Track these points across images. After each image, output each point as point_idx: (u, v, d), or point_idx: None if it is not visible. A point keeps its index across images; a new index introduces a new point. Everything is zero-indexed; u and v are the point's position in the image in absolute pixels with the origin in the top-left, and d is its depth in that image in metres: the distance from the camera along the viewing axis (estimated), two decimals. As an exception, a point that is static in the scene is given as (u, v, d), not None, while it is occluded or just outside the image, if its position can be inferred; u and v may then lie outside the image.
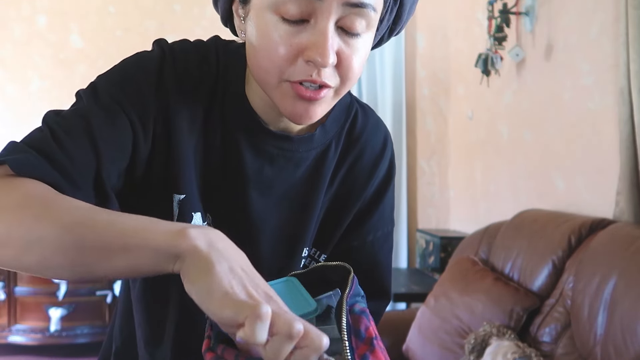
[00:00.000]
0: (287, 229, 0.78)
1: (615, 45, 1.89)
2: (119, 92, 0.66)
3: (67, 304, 3.15)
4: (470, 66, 2.74)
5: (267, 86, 0.66)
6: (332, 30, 0.61)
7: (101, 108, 0.65)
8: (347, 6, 0.61)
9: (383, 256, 0.85)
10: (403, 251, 3.47)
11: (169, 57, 0.70)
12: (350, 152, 0.80)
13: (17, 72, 3.61)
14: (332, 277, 0.63)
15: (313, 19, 0.61)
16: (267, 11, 0.62)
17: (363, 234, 0.82)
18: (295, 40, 0.61)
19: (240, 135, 0.73)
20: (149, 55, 0.70)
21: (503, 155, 2.75)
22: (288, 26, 0.61)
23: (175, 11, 3.69)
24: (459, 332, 1.94)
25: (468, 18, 3.11)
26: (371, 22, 0.64)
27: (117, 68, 0.70)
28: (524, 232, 2.06)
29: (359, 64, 0.65)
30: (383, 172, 0.83)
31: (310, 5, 0.60)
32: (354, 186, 0.81)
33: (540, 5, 2.39)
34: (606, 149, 1.98)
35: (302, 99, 0.64)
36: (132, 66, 0.69)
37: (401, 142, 3.47)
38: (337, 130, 0.79)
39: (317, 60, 0.60)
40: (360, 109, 0.83)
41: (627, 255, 1.53)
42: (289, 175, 0.76)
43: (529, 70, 2.50)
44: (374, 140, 0.83)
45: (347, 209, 0.81)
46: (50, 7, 3.62)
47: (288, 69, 0.63)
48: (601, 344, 1.50)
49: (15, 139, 0.63)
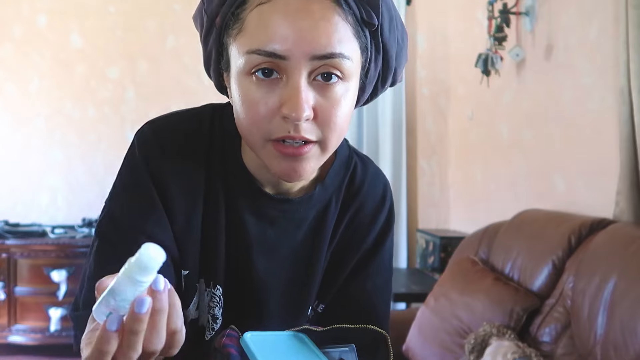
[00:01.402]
0: (294, 287, 0.79)
1: (615, 45, 1.89)
2: (133, 213, 0.70)
3: (67, 304, 3.15)
4: (470, 66, 2.74)
5: (254, 147, 0.67)
6: (305, 84, 0.62)
7: (129, 239, 0.69)
8: (316, 60, 0.61)
9: (382, 304, 0.84)
10: (403, 251, 3.46)
11: (151, 143, 0.72)
12: (351, 205, 0.81)
13: (17, 72, 3.61)
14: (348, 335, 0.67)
15: (284, 75, 0.62)
16: (242, 75, 0.63)
17: (362, 281, 0.83)
18: (271, 99, 0.62)
19: (241, 201, 0.75)
20: (130, 155, 0.73)
21: (503, 155, 2.75)
22: (263, 86, 0.62)
23: (175, 11, 3.69)
24: (459, 332, 1.94)
25: (468, 18, 3.11)
26: (347, 72, 0.64)
27: (118, 186, 0.73)
28: (524, 232, 2.06)
29: (340, 115, 0.64)
30: (382, 221, 0.84)
31: (279, 63, 0.61)
32: (354, 237, 0.82)
33: (540, 5, 2.39)
34: (606, 149, 1.98)
35: (287, 157, 0.64)
36: (127, 176, 0.73)
37: (401, 142, 3.47)
38: (337, 186, 0.80)
39: (292, 115, 0.61)
40: (359, 161, 0.83)
41: (627, 255, 1.53)
42: (292, 236, 0.78)
43: (529, 70, 2.50)
44: (373, 192, 0.83)
45: (347, 260, 0.82)
46: (50, 7, 3.62)
47: (268, 128, 0.63)
48: (601, 344, 1.50)
49: (15, 138, 0.64)
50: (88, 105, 3.64)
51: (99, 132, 3.60)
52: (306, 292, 0.80)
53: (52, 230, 3.34)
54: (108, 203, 0.73)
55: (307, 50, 0.60)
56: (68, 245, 3.19)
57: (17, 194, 3.62)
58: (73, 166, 3.65)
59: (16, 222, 3.51)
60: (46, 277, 3.16)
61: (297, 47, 0.60)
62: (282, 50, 0.60)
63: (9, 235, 3.22)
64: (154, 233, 0.69)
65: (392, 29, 0.68)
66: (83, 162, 3.64)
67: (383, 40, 0.67)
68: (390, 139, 3.45)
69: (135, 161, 0.72)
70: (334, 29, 0.61)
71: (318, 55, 0.61)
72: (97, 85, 3.64)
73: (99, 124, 3.61)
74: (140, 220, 0.70)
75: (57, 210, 3.65)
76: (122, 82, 3.62)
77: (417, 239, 3.33)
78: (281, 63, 0.61)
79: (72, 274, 3.16)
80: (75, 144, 3.64)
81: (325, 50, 0.61)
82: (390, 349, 0.64)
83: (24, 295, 3.18)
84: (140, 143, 0.73)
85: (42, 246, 3.18)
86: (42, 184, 3.63)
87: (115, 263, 0.65)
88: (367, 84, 0.70)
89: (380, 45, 0.67)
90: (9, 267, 3.18)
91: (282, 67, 0.61)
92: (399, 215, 3.43)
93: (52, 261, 3.17)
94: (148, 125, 0.74)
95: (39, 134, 3.61)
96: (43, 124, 3.61)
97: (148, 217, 0.70)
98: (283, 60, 0.60)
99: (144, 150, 0.72)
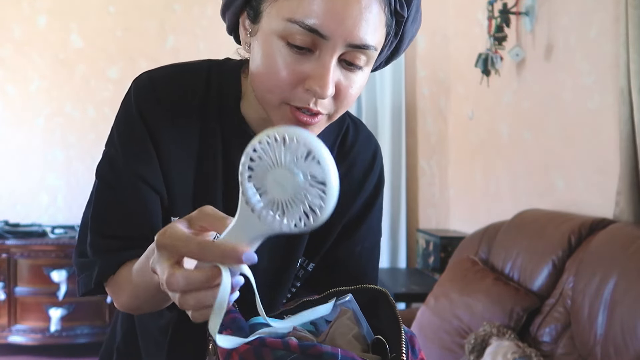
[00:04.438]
0: (283, 241, 0.80)
1: (615, 45, 1.89)
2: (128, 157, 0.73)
3: (67, 304, 3.15)
4: (470, 66, 2.74)
5: (267, 105, 0.68)
6: (335, 64, 0.63)
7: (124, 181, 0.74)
8: (351, 47, 0.63)
9: (371, 267, 0.86)
10: (403, 251, 3.46)
11: (147, 91, 0.74)
12: (341, 165, 0.82)
13: (17, 72, 3.61)
14: None
15: (318, 51, 0.63)
16: (275, 36, 0.63)
17: (351, 245, 0.84)
18: (298, 68, 0.63)
19: (236, 152, 0.75)
20: (127, 102, 0.75)
21: (503, 155, 2.75)
22: (293, 53, 0.63)
23: (175, 11, 3.69)
24: (459, 332, 1.94)
25: (468, 18, 3.11)
26: (371, 59, 0.66)
27: (114, 130, 0.76)
28: (524, 232, 2.06)
29: (354, 95, 0.67)
30: (372, 184, 0.85)
31: (316, 40, 0.62)
32: (343, 198, 0.82)
33: (540, 5, 2.39)
34: (606, 149, 1.98)
35: (299, 123, 0.66)
36: (122, 123, 0.75)
37: (401, 142, 3.47)
38: (329, 145, 0.81)
39: (317, 91, 0.63)
40: (352, 123, 0.85)
41: (627, 255, 1.53)
42: None
43: (529, 70, 2.50)
44: (364, 154, 0.85)
45: (336, 221, 0.82)
46: (50, 7, 3.62)
47: (289, 94, 0.65)
48: (601, 344, 1.50)
49: (15, 138, 0.64)
50: (88, 105, 3.64)
51: (99, 132, 3.60)
52: (295, 247, 0.81)
53: (52, 231, 3.34)
54: (106, 146, 0.76)
55: (347, 37, 0.61)
56: (68, 245, 3.19)
57: (17, 194, 3.62)
58: (73, 166, 3.65)
59: (16, 222, 3.52)
60: (46, 277, 3.15)
61: (339, 31, 0.61)
62: (325, 30, 0.60)
63: (9, 236, 3.22)
64: (146, 176, 0.73)
65: (415, 20, 0.70)
66: (83, 162, 3.64)
67: (404, 30, 0.69)
68: (390, 139, 3.45)
69: (130, 108, 0.74)
70: (374, 20, 0.62)
71: (354, 45, 0.62)
72: (97, 85, 3.64)
73: (99, 124, 3.61)
74: (133, 163, 0.73)
75: (57, 210, 3.65)
76: (122, 82, 3.62)
77: (417, 239, 3.33)
78: (318, 40, 0.61)
79: (72, 274, 3.15)
80: (75, 144, 3.64)
81: (362, 41, 0.62)
82: (393, 303, 0.64)
83: (24, 295, 3.18)
84: (137, 91, 0.74)
85: (42, 246, 3.18)
86: (42, 184, 3.63)
87: (111, 201, 0.74)
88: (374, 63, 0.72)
89: (399, 33, 0.69)
90: (9, 267, 3.18)
91: (318, 43, 0.62)
92: (399, 215, 3.43)
93: (52, 261, 3.17)
94: (146, 74, 0.76)
95: (39, 134, 3.61)
96: (43, 124, 3.61)
97: (140, 161, 0.73)
98: (322, 39, 0.61)
99: (140, 98, 0.74)
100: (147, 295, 0.67)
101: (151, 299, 0.68)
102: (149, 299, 0.68)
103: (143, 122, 0.73)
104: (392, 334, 0.60)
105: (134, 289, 0.69)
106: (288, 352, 0.52)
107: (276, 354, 0.52)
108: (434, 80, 3.50)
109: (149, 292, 0.65)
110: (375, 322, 0.64)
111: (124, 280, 0.71)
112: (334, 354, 0.52)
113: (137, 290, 0.68)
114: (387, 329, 0.61)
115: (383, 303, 0.65)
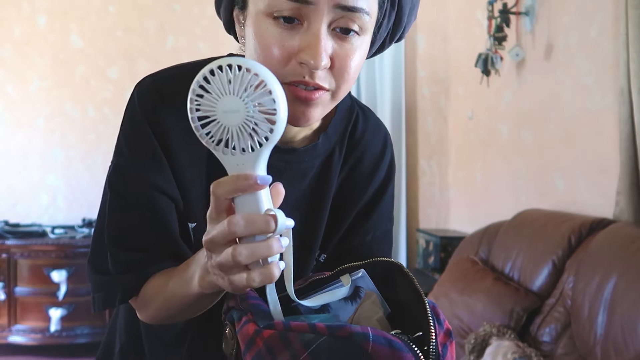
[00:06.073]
0: (300, 237, 0.79)
1: (615, 45, 1.89)
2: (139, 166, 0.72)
3: (67, 304, 3.15)
4: (470, 66, 2.74)
5: None
6: (325, 32, 0.62)
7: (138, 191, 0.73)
8: (339, 9, 0.61)
9: (382, 255, 0.85)
10: (403, 251, 3.46)
11: (151, 94, 0.72)
12: (352, 154, 0.81)
13: (17, 72, 3.61)
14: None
15: (306, 22, 0.62)
16: (262, 15, 0.63)
17: (363, 234, 0.83)
18: (288, 43, 0.62)
19: None
20: (131, 108, 0.73)
21: (503, 155, 2.75)
22: (281, 29, 0.62)
23: (175, 11, 3.69)
24: (459, 332, 1.94)
25: (468, 18, 3.11)
26: (365, 26, 0.64)
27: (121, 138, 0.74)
28: (524, 232, 2.06)
29: (354, 67, 0.65)
30: (383, 172, 0.84)
31: (302, 9, 0.61)
32: (355, 188, 0.82)
33: (540, 5, 2.39)
34: (606, 149, 1.98)
35: (299, 101, 0.64)
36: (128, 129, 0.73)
37: (401, 142, 3.47)
38: (339, 136, 0.80)
39: (310, 63, 0.61)
40: (360, 112, 0.84)
41: (627, 255, 1.53)
42: (298, 186, 0.77)
43: (529, 70, 2.50)
44: (374, 142, 0.84)
45: (348, 210, 0.82)
46: (50, 7, 3.62)
47: (282, 71, 0.63)
48: (601, 344, 1.50)
49: (15, 138, 0.64)
50: (88, 105, 3.64)
51: (99, 132, 3.60)
52: (312, 242, 0.80)
53: (52, 231, 3.34)
54: (114, 157, 0.74)
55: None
56: (68, 246, 3.19)
57: (17, 194, 3.62)
58: (73, 166, 3.65)
59: (16, 222, 3.51)
60: (46, 277, 3.15)
61: None
62: None
63: (9, 236, 3.22)
64: (159, 184, 0.71)
65: None
66: (83, 162, 3.64)
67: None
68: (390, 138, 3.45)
69: (136, 115, 0.72)
70: None
71: (342, 5, 0.61)
72: (97, 85, 3.64)
73: (99, 124, 3.61)
74: (144, 171, 0.71)
75: (57, 210, 3.65)
76: (122, 82, 3.62)
77: (417, 239, 3.33)
78: (304, 8, 0.61)
79: (72, 274, 3.16)
80: (75, 144, 3.64)
81: (349, 2, 0.61)
82: (410, 275, 0.62)
83: (24, 295, 3.18)
84: (141, 95, 0.73)
85: (42, 246, 3.18)
86: (42, 184, 3.63)
87: (126, 213, 0.72)
88: (377, 39, 0.71)
89: (395, 2, 0.68)
90: (9, 267, 3.18)
91: (305, 12, 0.61)
92: (399, 215, 3.43)
93: (52, 261, 3.17)
94: (149, 78, 0.74)
95: (39, 134, 3.61)
96: (43, 124, 3.61)
97: (152, 168, 0.71)
98: (307, 5, 0.60)
99: (145, 102, 0.72)
100: (181, 305, 0.67)
101: (186, 309, 0.68)
102: (183, 309, 0.68)
103: (150, 127, 0.71)
104: (413, 306, 0.59)
105: (167, 301, 0.68)
106: (317, 335, 0.51)
107: (304, 337, 0.51)
108: (434, 80, 3.50)
109: (185, 301, 0.66)
110: (391, 294, 0.63)
111: (153, 293, 0.71)
112: (365, 333, 0.50)
113: (170, 302, 0.68)
114: (406, 301, 0.61)
115: (398, 275, 0.65)
